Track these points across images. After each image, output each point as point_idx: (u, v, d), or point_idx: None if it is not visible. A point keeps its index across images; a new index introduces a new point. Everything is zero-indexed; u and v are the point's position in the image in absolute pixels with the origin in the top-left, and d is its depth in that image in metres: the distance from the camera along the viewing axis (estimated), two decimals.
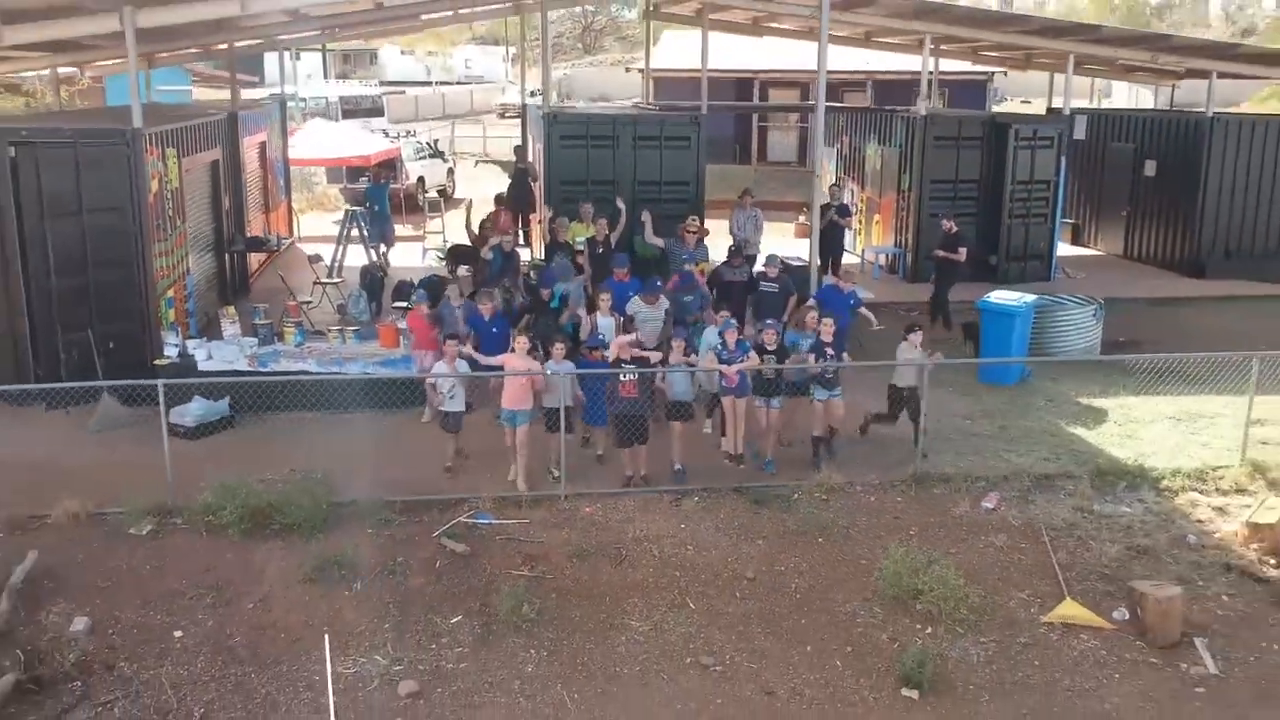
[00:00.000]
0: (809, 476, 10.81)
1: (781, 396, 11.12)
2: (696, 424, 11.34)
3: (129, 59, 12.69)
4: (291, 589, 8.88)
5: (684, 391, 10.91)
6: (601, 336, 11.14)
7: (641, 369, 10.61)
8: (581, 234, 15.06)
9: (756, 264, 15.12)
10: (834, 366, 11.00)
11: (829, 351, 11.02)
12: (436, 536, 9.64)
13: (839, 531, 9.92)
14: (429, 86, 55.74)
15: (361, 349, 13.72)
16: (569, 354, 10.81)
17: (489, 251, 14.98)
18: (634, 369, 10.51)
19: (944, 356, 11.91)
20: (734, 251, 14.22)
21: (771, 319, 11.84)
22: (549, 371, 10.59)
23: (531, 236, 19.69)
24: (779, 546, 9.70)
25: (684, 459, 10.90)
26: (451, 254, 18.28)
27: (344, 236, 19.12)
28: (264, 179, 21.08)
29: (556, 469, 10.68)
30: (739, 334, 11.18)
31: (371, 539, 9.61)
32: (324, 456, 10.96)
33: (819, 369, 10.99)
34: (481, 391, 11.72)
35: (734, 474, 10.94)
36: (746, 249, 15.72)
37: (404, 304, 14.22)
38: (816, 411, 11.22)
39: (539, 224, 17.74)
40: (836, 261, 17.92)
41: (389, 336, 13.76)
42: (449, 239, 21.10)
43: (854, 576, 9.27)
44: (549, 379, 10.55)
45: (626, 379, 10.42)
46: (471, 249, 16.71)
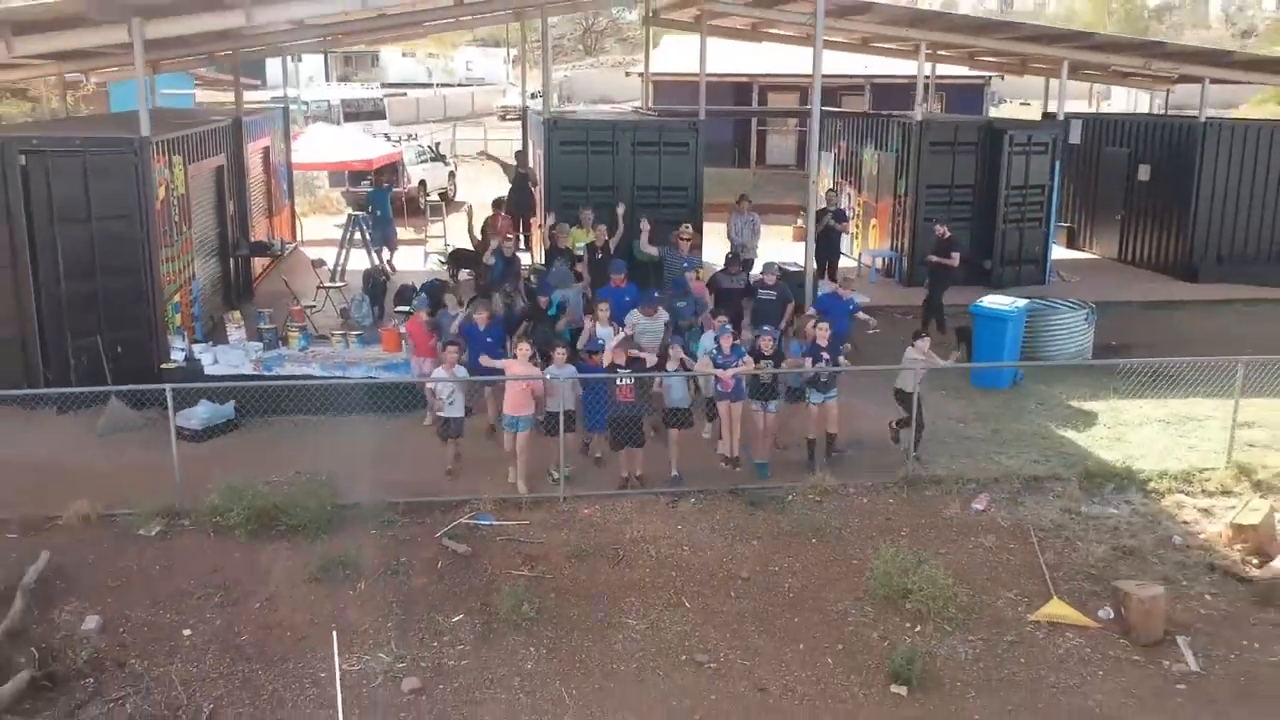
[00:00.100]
0: (803, 478, 10.98)
1: (778, 400, 11.28)
2: (694, 429, 11.50)
3: (136, 68, 12.90)
4: (297, 588, 9.06)
5: (681, 399, 11.05)
6: (600, 342, 11.27)
7: (638, 374, 10.78)
8: (582, 239, 15.23)
9: (754, 268, 15.27)
10: (828, 371, 11.15)
11: (824, 356, 11.15)
12: (438, 537, 9.81)
13: (832, 532, 10.10)
14: (430, 89, 55.79)
15: (364, 353, 13.86)
16: (569, 359, 10.97)
17: (491, 256, 15.17)
18: (630, 374, 10.68)
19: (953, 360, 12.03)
20: (731, 259, 14.34)
21: (769, 326, 11.97)
22: (549, 376, 10.73)
23: (532, 241, 19.85)
24: (773, 547, 9.88)
25: (681, 463, 11.02)
26: (453, 258, 18.39)
27: (347, 240, 19.25)
28: (267, 183, 21.20)
29: (556, 471, 10.83)
30: (735, 339, 11.33)
31: (375, 540, 9.78)
32: (328, 459, 11.14)
33: (812, 373, 11.16)
34: (478, 397, 11.89)
35: (730, 476, 11.09)
36: (744, 254, 15.87)
37: (405, 309, 14.34)
38: (812, 414, 11.39)
39: (539, 229, 17.92)
40: (833, 266, 18.09)
41: (392, 341, 13.89)
42: (450, 242, 21.26)
43: (846, 576, 9.45)
44: (549, 384, 10.69)
45: (623, 384, 10.60)
46: (473, 253, 16.88)
